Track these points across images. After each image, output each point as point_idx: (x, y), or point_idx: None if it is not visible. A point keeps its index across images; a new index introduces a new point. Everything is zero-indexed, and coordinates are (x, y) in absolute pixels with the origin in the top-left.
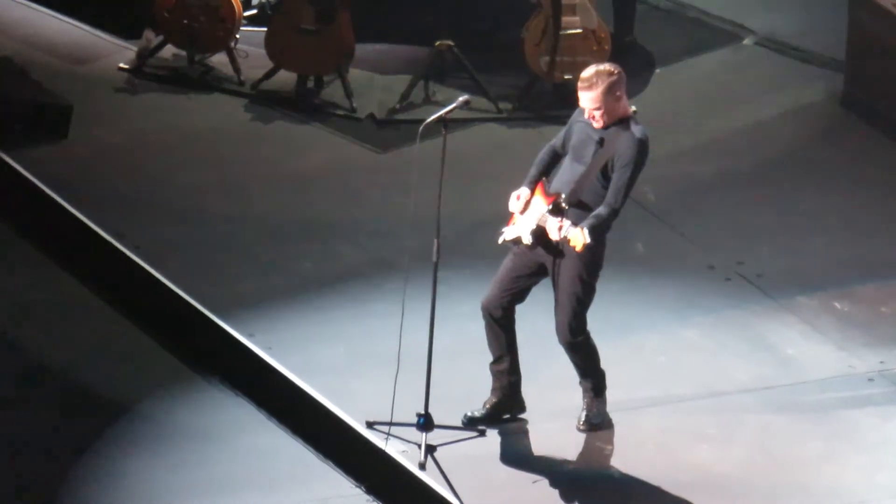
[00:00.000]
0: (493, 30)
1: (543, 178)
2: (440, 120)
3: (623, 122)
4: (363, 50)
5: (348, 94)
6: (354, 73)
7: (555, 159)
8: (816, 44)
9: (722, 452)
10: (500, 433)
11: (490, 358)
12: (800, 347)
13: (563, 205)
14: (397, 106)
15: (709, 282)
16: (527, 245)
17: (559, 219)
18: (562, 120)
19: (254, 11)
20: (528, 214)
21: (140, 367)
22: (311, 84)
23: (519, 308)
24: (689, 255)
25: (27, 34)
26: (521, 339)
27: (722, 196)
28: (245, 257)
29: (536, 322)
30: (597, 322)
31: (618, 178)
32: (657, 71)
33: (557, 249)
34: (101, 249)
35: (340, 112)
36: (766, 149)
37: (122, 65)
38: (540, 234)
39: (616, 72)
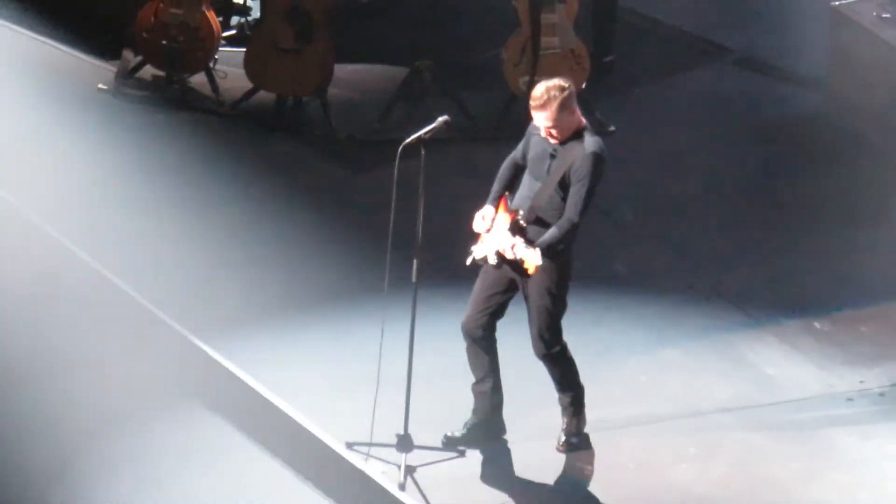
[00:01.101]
0: (473, 50)
1: (506, 194)
2: (419, 140)
3: (577, 134)
4: (342, 70)
5: (327, 114)
6: (333, 93)
7: (516, 172)
8: (796, 62)
9: (702, 472)
10: (480, 453)
11: (472, 379)
12: (780, 367)
13: (522, 222)
14: (377, 126)
15: (689, 301)
16: (496, 267)
17: (513, 239)
18: None
19: (233, 32)
20: (492, 233)
21: (118, 389)
22: (290, 104)
23: (497, 326)
24: (668, 275)
25: (4, 55)
26: (500, 358)
27: (702, 216)
28: (224, 278)
29: (515, 341)
30: (577, 341)
31: (575, 192)
32: (636, 90)
33: (517, 267)
34: (80, 271)
35: (319, 132)
36: (747, 168)
37: (101, 85)
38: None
39: (567, 86)
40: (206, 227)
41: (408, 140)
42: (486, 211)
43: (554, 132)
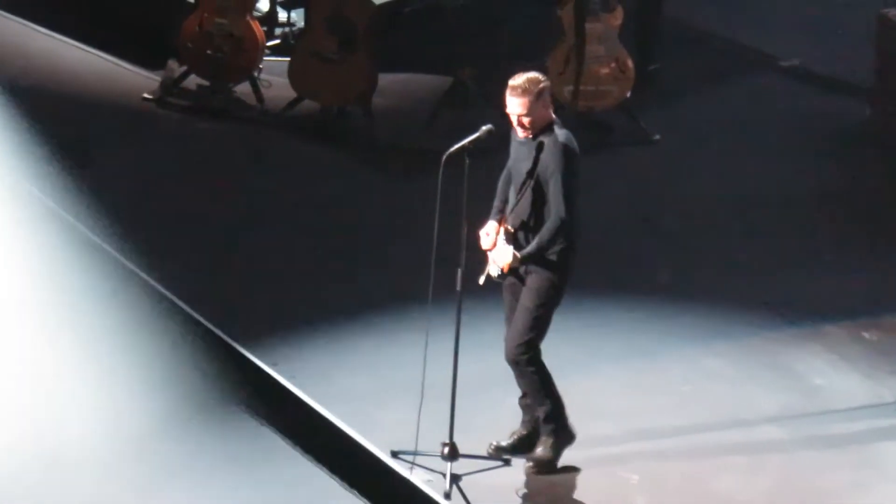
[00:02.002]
0: (517, 58)
1: (506, 207)
2: (463, 149)
3: (546, 129)
4: (386, 79)
5: (371, 124)
6: (378, 102)
7: (511, 182)
8: (843, 71)
9: (748, 482)
10: (526, 463)
11: (518, 392)
12: (827, 377)
13: (510, 229)
14: (421, 135)
15: (733, 310)
16: (500, 279)
17: (495, 249)
18: (584, 149)
19: (277, 41)
20: (496, 248)
21: (163, 396)
22: (334, 113)
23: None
24: (713, 284)
25: (52, 64)
26: None
27: (746, 225)
28: (269, 286)
29: (557, 352)
30: (621, 349)
31: (553, 187)
32: (681, 99)
33: (519, 275)
34: (125, 279)
35: (363, 141)
36: (793, 176)
37: (146, 95)
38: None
39: (544, 80)
40: (251, 236)
41: (452, 149)
42: (489, 227)
43: (525, 121)
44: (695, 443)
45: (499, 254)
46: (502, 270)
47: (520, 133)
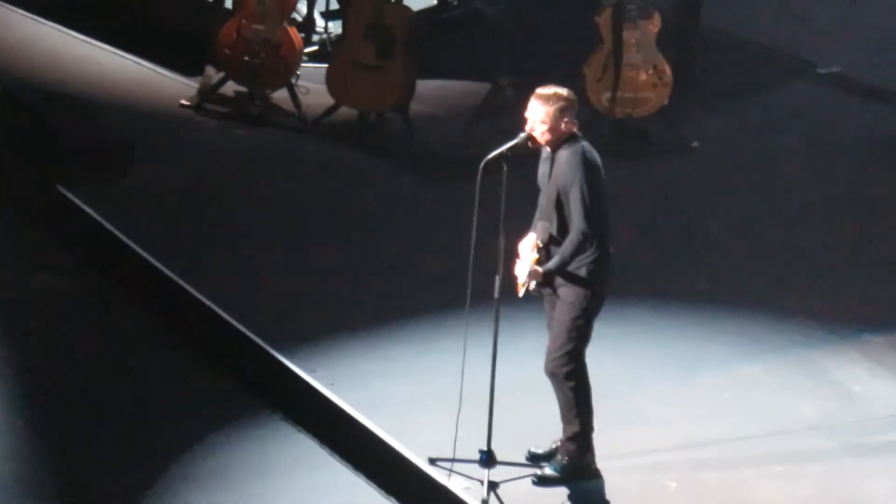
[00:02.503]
0: (555, 65)
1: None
2: (501, 156)
3: (566, 143)
4: (424, 86)
5: (409, 130)
6: (415, 109)
7: None
8: (884, 79)
9: (789, 490)
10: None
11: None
12: (865, 384)
13: (538, 243)
14: (458, 142)
15: (773, 318)
16: (536, 293)
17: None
18: (622, 155)
19: (314, 48)
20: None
21: (204, 404)
22: (371, 120)
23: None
24: (753, 292)
25: (90, 71)
26: None
27: (784, 231)
28: (307, 293)
29: (597, 359)
30: (661, 357)
31: (573, 199)
32: (720, 106)
33: (553, 287)
34: (164, 286)
35: (401, 148)
36: (832, 184)
37: (183, 101)
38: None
39: (572, 98)
40: (288, 243)
41: (490, 156)
42: (528, 239)
43: (539, 129)
44: (734, 450)
45: (518, 270)
46: (529, 286)
47: (535, 135)
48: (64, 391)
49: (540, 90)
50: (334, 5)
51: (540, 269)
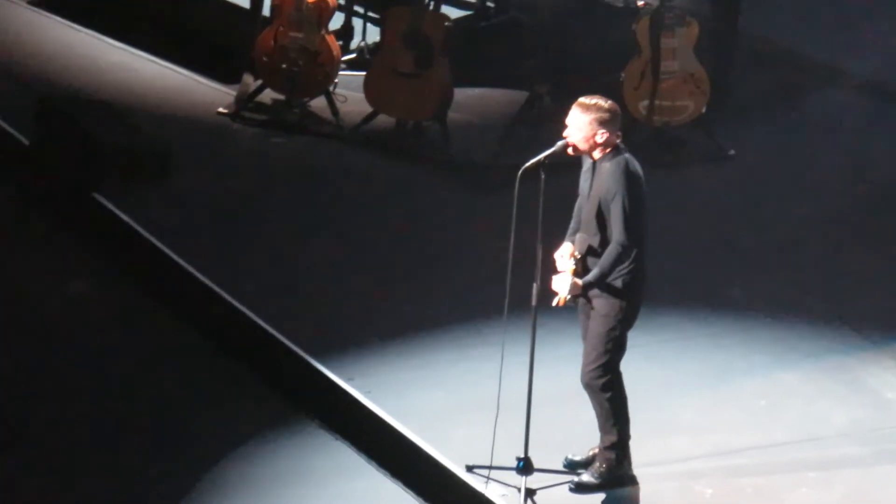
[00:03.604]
0: (592, 73)
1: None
2: (539, 164)
3: (609, 154)
4: (462, 94)
5: (447, 138)
6: (453, 118)
7: None
8: None
9: (822, 496)
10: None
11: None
12: None
13: (576, 254)
14: (496, 150)
15: (807, 325)
16: (572, 303)
17: (561, 274)
18: (659, 165)
19: (352, 56)
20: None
21: (239, 411)
22: (409, 128)
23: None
24: (788, 299)
25: (126, 78)
26: None
27: (821, 239)
28: (345, 301)
29: (633, 367)
30: (695, 366)
31: (613, 212)
32: (757, 115)
33: (588, 298)
34: (202, 294)
35: (439, 156)
36: (868, 192)
37: (220, 109)
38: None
39: (614, 110)
40: (325, 251)
41: (527, 164)
42: (564, 249)
43: (579, 138)
44: (769, 457)
45: (557, 284)
46: (565, 298)
47: (584, 155)
48: (98, 398)
49: (583, 99)
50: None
51: (580, 282)
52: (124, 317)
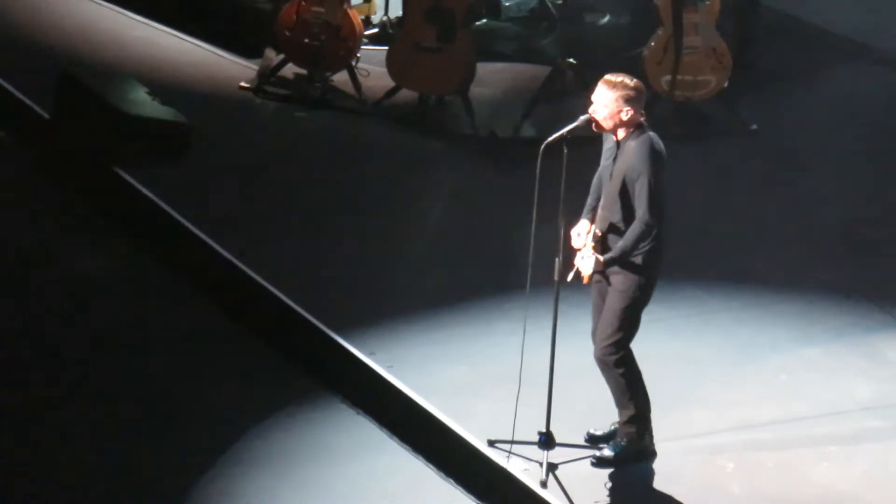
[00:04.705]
0: (615, 48)
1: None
2: (562, 138)
3: (634, 133)
4: (485, 69)
5: (469, 113)
6: (476, 92)
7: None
8: None
9: (844, 470)
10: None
11: None
12: None
13: (598, 232)
14: (519, 124)
15: (829, 299)
16: (589, 278)
17: (582, 251)
18: (681, 139)
19: (375, 30)
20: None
21: (260, 386)
22: (432, 103)
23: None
24: (808, 273)
25: (149, 53)
26: (639, 359)
27: (842, 215)
28: (366, 276)
29: (655, 341)
30: (718, 340)
31: (638, 191)
32: (779, 89)
33: (606, 275)
34: (224, 269)
35: (462, 131)
36: (886, 166)
37: (243, 83)
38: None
39: (639, 89)
40: (349, 225)
41: (550, 138)
42: (581, 226)
43: (603, 115)
44: (790, 432)
45: (583, 262)
46: (589, 275)
47: (593, 117)
48: (121, 374)
49: (609, 76)
50: None
51: (602, 259)
52: (144, 292)
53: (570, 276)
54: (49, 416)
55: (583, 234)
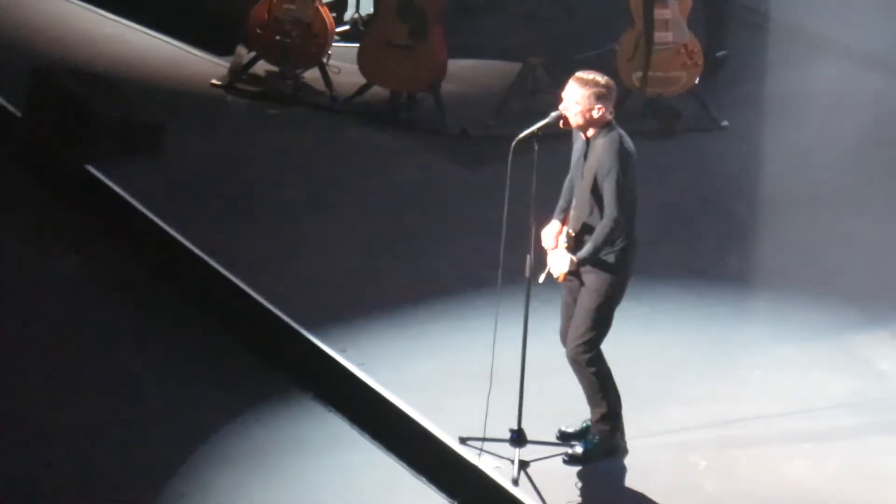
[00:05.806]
0: (586, 44)
1: (570, 206)
2: (533, 135)
3: (603, 130)
4: (456, 66)
5: (441, 110)
6: (447, 89)
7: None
8: None
9: (817, 467)
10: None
11: None
12: (893, 362)
13: (570, 232)
14: (490, 121)
15: (801, 297)
16: (564, 277)
17: (554, 250)
18: (652, 135)
19: (346, 27)
20: (557, 249)
21: (233, 383)
22: (403, 100)
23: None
24: (781, 270)
25: (120, 50)
26: (611, 356)
27: (814, 212)
28: (337, 273)
29: (628, 338)
30: (691, 335)
31: (607, 188)
32: (750, 86)
33: (577, 274)
34: (195, 266)
35: (433, 128)
36: (860, 164)
37: (214, 81)
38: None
39: (610, 86)
40: (319, 223)
41: (521, 135)
42: (552, 227)
43: (574, 112)
44: (763, 428)
45: (555, 262)
46: (564, 274)
47: (576, 129)
48: (92, 371)
49: (580, 73)
50: None
51: (575, 258)
52: (117, 290)
53: (542, 278)
54: (18, 415)
55: (553, 236)
